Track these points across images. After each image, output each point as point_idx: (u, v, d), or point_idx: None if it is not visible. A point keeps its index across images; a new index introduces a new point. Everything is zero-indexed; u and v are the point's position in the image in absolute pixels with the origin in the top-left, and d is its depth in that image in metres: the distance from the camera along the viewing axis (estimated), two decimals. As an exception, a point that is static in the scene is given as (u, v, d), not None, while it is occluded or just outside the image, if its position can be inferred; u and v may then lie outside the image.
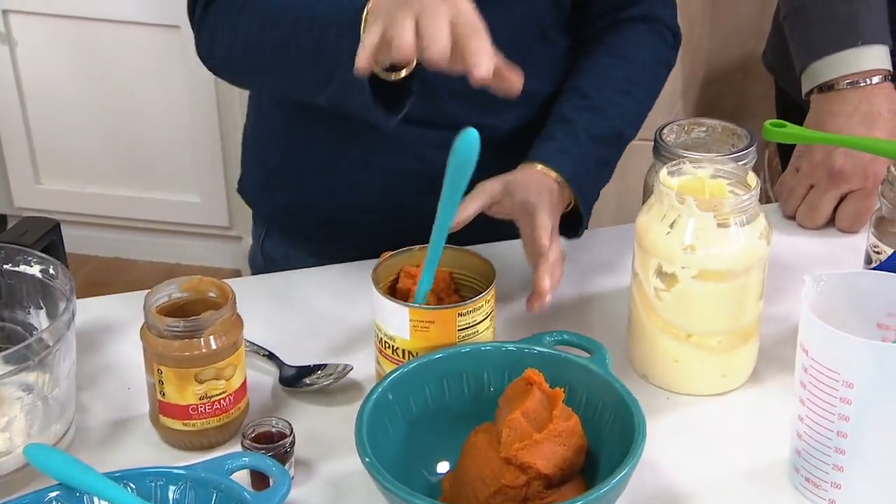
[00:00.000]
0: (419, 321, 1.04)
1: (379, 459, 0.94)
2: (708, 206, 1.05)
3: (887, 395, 0.92)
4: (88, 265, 3.50)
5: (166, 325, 1.03)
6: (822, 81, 1.37)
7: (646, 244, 1.09)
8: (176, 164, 3.27)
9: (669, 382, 1.13)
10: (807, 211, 1.39)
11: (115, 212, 3.40)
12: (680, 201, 1.05)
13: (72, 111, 3.25)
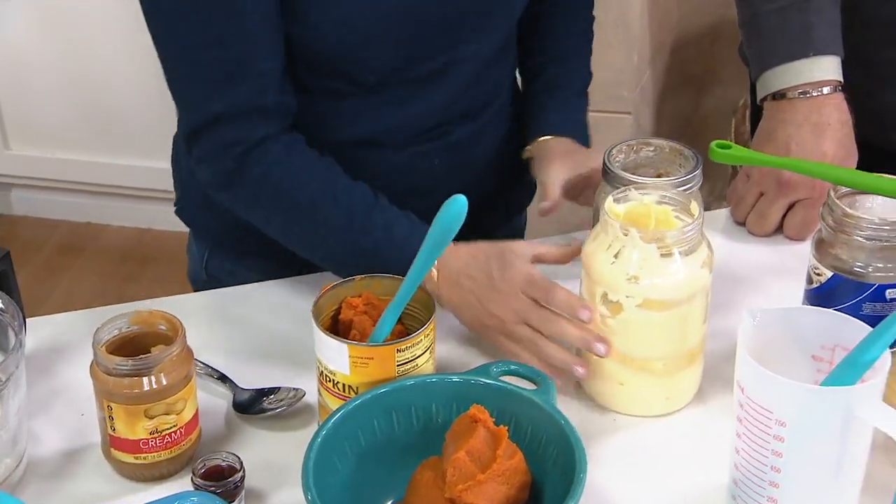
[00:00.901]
0: (358, 357, 1.03)
1: (325, 496, 0.94)
2: (651, 237, 1.05)
3: (817, 434, 0.94)
4: (60, 230, 3.48)
5: (115, 363, 1.02)
6: (775, 90, 1.36)
7: (592, 273, 1.09)
8: (144, 130, 3.25)
9: (615, 404, 1.14)
10: (756, 218, 1.39)
11: (85, 177, 3.38)
12: (624, 233, 1.05)
13: (41, 78, 3.22)
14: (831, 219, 1.14)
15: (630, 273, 1.05)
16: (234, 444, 1.12)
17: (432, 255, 1.03)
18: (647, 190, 1.10)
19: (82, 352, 1.23)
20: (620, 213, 1.09)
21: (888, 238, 1.12)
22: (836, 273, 1.14)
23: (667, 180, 1.14)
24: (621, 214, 1.08)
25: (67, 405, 1.16)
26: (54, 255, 3.38)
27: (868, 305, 1.14)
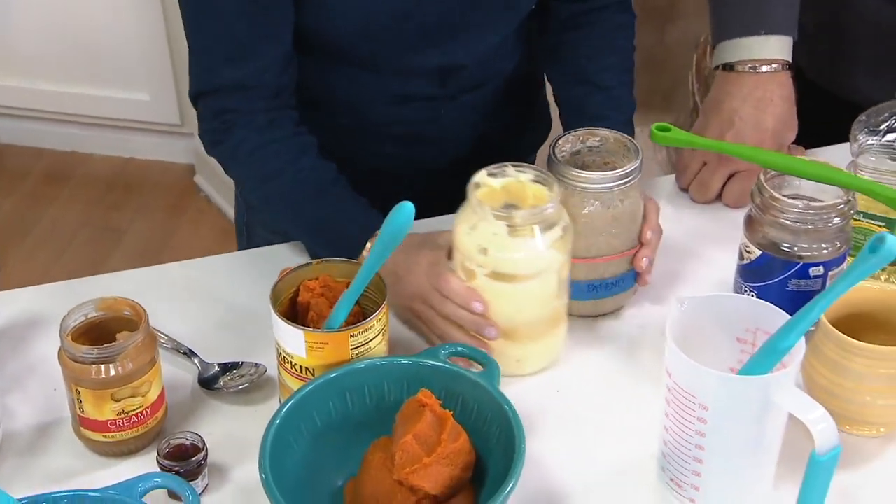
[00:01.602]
0: (314, 342, 1.06)
1: (281, 477, 0.98)
2: (501, 216, 1.09)
3: (736, 417, 0.98)
4: (44, 158, 3.48)
5: (81, 352, 1.05)
6: (726, 62, 1.38)
7: (455, 239, 1.13)
8: (127, 63, 3.24)
9: None
10: (698, 186, 1.41)
11: (69, 108, 3.38)
12: (480, 207, 1.09)
13: (25, 8, 3.19)
14: (760, 200, 1.17)
15: (481, 245, 1.10)
16: (199, 418, 1.15)
17: (382, 256, 1.06)
18: (524, 168, 1.14)
19: (55, 326, 1.25)
20: (497, 186, 1.13)
21: (812, 221, 1.15)
22: (764, 252, 1.17)
23: (607, 174, 1.15)
24: (497, 188, 1.13)
25: (41, 380, 1.19)
26: (40, 184, 3.38)
27: (793, 282, 1.17)
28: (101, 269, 2.98)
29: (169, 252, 3.06)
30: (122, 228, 3.18)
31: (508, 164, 1.14)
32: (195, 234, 3.13)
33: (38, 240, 3.14)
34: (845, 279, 0.94)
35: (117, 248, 3.10)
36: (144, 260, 3.01)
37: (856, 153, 1.25)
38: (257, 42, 1.24)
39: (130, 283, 1.33)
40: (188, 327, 1.26)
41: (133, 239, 3.14)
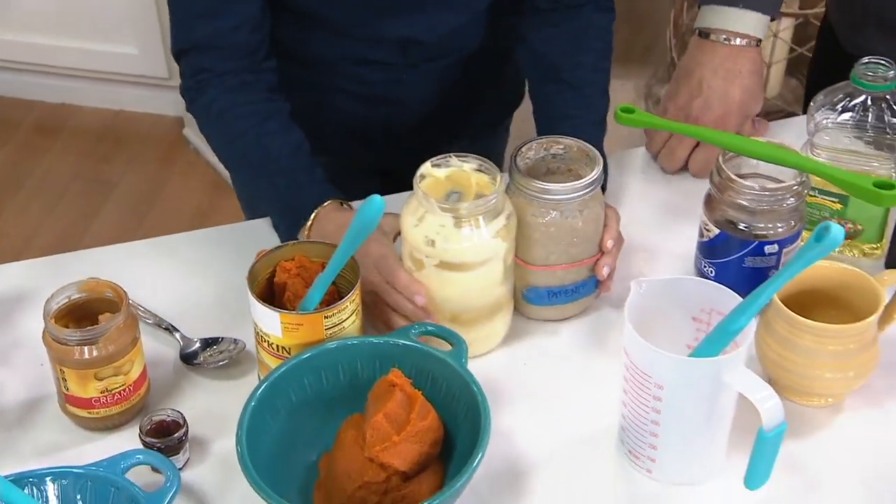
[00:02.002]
0: (290, 323, 1.09)
1: (258, 452, 1.01)
2: (446, 208, 1.11)
3: (689, 395, 1.01)
4: (35, 110, 3.48)
5: (64, 334, 1.07)
6: (702, 27, 1.40)
7: (403, 231, 1.15)
8: (112, 16, 3.22)
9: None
10: (666, 154, 1.43)
11: (59, 61, 3.37)
12: (426, 199, 1.11)
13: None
14: (718, 180, 1.19)
15: (428, 237, 1.12)
16: (180, 393, 1.18)
17: (352, 246, 1.08)
18: (467, 157, 1.15)
19: (41, 301, 1.27)
20: (441, 176, 1.15)
21: (767, 202, 1.17)
22: (722, 230, 1.20)
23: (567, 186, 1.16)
24: (442, 178, 1.15)
25: (28, 355, 1.21)
26: (31, 135, 3.38)
27: (749, 259, 1.20)
28: (93, 222, 3.00)
29: (160, 205, 3.08)
30: (113, 181, 3.19)
31: (451, 154, 1.16)
32: (185, 187, 3.14)
33: (30, 192, 3.15)
34: (793, 265, 0.97)
35: (108, 200, 3.11)
36: (136, 213, 3.04)
37: (812, 132, 1.27)
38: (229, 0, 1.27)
39: (114, 257, 1.35)
40: (170, 302, 1.28)
41: (124, 191, 3.15)
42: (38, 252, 2.89)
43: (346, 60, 1.40)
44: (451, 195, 1.16)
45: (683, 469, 1.07)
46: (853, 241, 1.30)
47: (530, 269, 1.19)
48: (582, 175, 1.18)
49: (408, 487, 1.02)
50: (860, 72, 1.23)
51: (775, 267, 1.20)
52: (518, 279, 1.21)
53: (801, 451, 1.11)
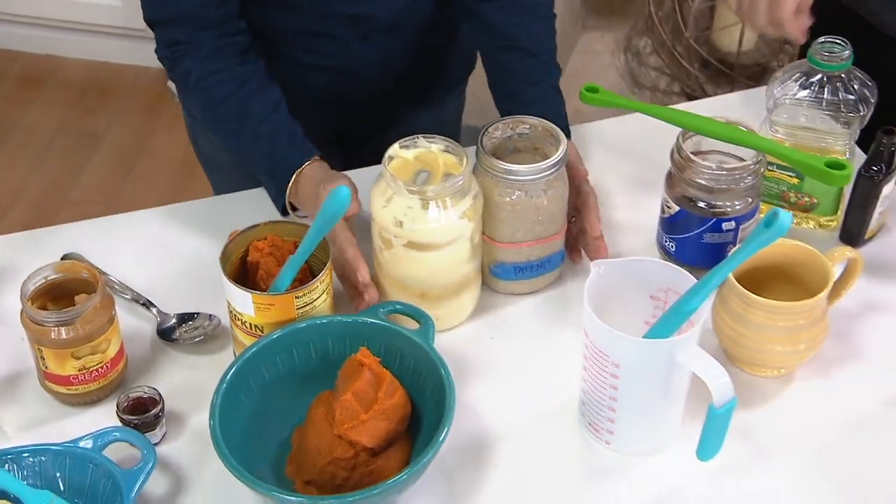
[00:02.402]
0: (262, 303, 1.10)
1: (231, 429, 1.03)
2: (413, 190, 1.12)
3: (645, 373, 1.04)
4: (20, 61, 3.46)
5: (41, 316, 1.09)
6: None
7: (372, 212, 1.16)
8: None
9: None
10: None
11: (43, 12, 3.35)
12: (393, 181, 1.12)
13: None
14: (678, 159, 1.21)
15: (396, 218, 1.13)
16: (158, 367, 1.20)
17: (319, 234, 1.09)
18: (434, 139, 1.17)
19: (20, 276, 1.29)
20: (409, 157, 1.16)
21: (724, 181, 1.19)
22: (682, 207, 1.22)
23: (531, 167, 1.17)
24: (410, 159, 1.16)
25: (8, 331, 1.21)
26: (16, 87, 3.37)
27: (708, 235, 1.22)
28: (80, 175, 3.00)
29: (146, 157, 3.08)
30: (99, 133, 3.18)
31: (419, 136, 1.17)
32: (170, 140, 3.14)
33: (16, 145, 3.14)
34: (743, 250, 0.99)
35: (95, 153, 3.11)
36: (122, 164, 3.04)
37: (770, 109, 1.28)
38: None
39: (90, 232, 1.36)
40: (147, 277, 1.29)
41: (110, 144, 3.15)
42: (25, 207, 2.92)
43: (299, 33, 1.40)
44: (420, 174, 1.17)
45: (640, 440, 1.10)
46: (809, 213, 1.32)
47: (497, 245, 1.21)
48: (548, 154, 1.20)
49: (375, 463, 1.04)
50: (816, 51, 1.24)
51: (733, 242, 1.22)
52: (485, 255, 1.22)
53: (753, 420, 1.14)
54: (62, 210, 2.93)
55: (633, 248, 1.32)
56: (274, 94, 1.32)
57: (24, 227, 2.77)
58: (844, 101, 1.25)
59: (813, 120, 1.26)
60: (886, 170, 1.25)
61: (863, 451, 1.11)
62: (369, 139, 1.49)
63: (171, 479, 1.09)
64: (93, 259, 1.31)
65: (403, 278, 1.17)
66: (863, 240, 1.31)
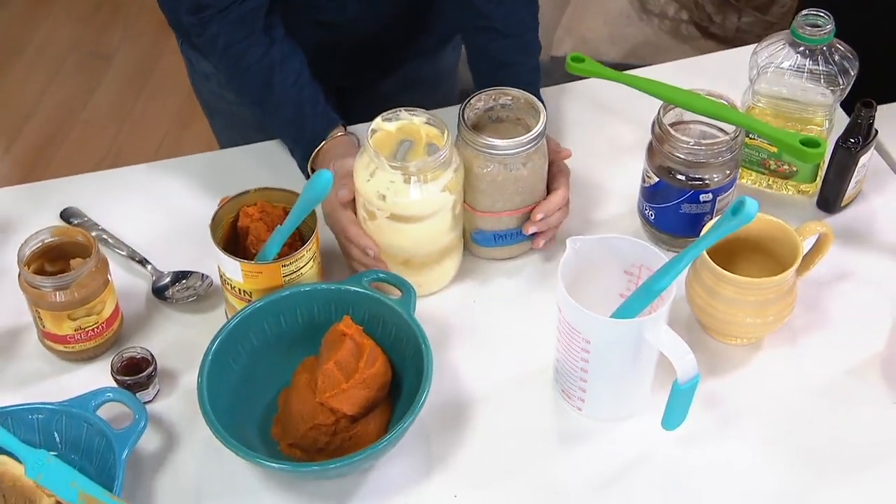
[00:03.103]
0: (250, 271, 1.12)
1: (219, 392, 1.06)
2: (396, 166, 1.13)
3: (614, 348, 1.06)
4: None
5: (38, 281, 1.12)
6: None
7: (356, 184, 1.17)
8: None
9: None
10: None
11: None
12: (376, 156, 1.13)
13: None
14: (658, 131, 1.22)
15: (379, 192, 1.14)
16: (152, 325, 1.22)
17: (302, 214, 1.11)
18: (416, 111, 1.17)
19: (21, 229, 1.32)
20: (392, 129, 1.17)
21: (703, 156, 1.19)
22: (661, 178, 1.23)
23: (510, 142, 1.17)
24: (392, 131, 1.17)
25: (9, 286, 1.21)
26: (29, 3, 3.35)
27: (685, 206, 1.23)
28: (93, 95, 3.00)
29: (156, 78, 3.07)
30: (111, 53, 3.18)
31: (401, 108, 1.17)
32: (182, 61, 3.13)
33: (28, 62, 3.14)
34: (710, 235, 1.00)
35: (107, 72, 3.11)
36: (133, 86, 3.04)
37: (753, 79, 1.28)
38: None
39: (91, 185, 1.38)
40: (143, 233, 1.31)
41: (122, 63, 3.14)
42: (39, 125, 2.93)
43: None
44: (403, 143, 1.18)
45: (610, 407, 1.13)
46: (788, 180, 1.33)
47: (477, 214, 1.22)
48: (529, 125, 1.20)
49: (355, 428, 1.08)
50: (799, 24, 1.23)
51: (710, 213, 1.23)
52: (467, 222, 1.24)
53: (720, 388, 1.16)
54: (74, 129, 2.94)
55: (616, 213, 1.33)
56: (298, 62, 1.31)
57: (37, 146, 2.82)
58: (825, 73, 1.24)
59: (794, 90, 1.26)
60: (863, 142, 1.26)
61: (827, 419, 1.14)
62: (362, 91, 1.50)
63: (164, 435, 1.13)
64: (91, 214, 1.33)
65: (387, 247, 1.19)
66: (839, 207, 1.32)
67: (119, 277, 1.25)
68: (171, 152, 2.89)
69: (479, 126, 1.23)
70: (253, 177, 1.31)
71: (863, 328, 1.21)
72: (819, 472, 1.09)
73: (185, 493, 1.08)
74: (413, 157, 1.17)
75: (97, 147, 2.89)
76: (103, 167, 2.84)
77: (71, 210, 1.33)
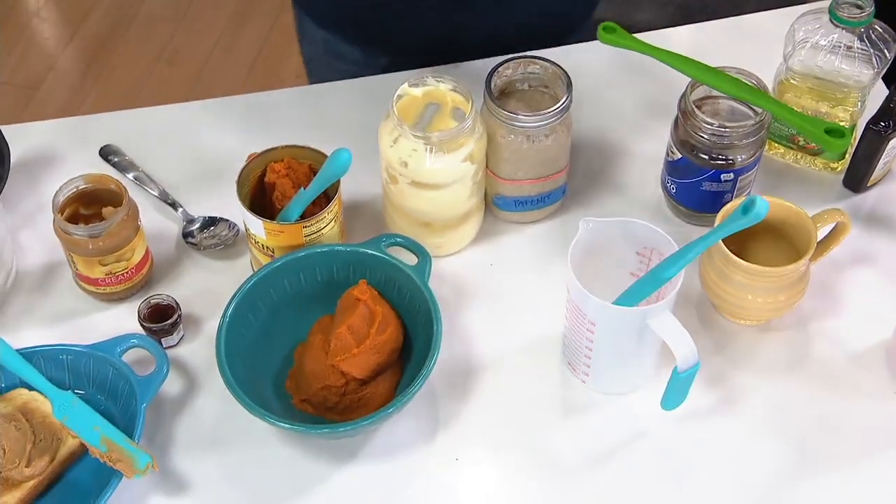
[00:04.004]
0: (272, 230, 1.15)
1: (236, 349, 1.11)
2: (418, 136, 1.14)
3: (615, 331, 1.08)
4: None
5: (71, 229, 1.15)
6: None
7: (380, 148, 1.18)
8: None
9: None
10: None
11: None
12: (399, 124, 1.14)
13: None
14: (685, 107, 1.21)
15: (401, 159, 1.15)
16: (180, 269, 1.25)
17: (321, 188, 1.15)
18: (443, 78, 1.17)
19: (62, 163, 1.35)
20: (418, 94, 1.17)
21: (726, 137, 1.19)
22: (684, 155, 1.23)
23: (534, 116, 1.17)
24: (419, 96, 1.17)
25: (49, 221, 1.24)
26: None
27: (707, 184, 1.23)
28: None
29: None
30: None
31: (428, 75, 1.18)
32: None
33: None
34: (720, 230, 1.02)
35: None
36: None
37: (788, 55, 1.26)
38: None
39: (131, 122, 1.41)
40: (179, 173, 1.33)
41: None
42: (99, 18, 2.94)
43: None
44: (430, 107, 1.19)
45: (614, 382, 1.15)
46: (817, 156, 1.32)
47: (499, 181, 1.23)
48: (557, 95, 1.21)
49: (364, 390, 1.11)
50: (838, 6, 1.21)
51: (731, 192, 1.23)
52: (489, 186, 1.25)
53: (725, 367, 1.18)
54: (133, 24, 2.96)
55: (640, 179, 1.33)
56: None
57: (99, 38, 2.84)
58: (861, 53, 1.22)
59: (829, 69, 1.24)
60: (894, 126, 1.24)
61: (826, 406, 1.15)
62: None
63: (185, 380, 1.18)
64: (129, 151, 1.36)
65: (409, 210, 1.21)
66: (865, 186, 1.31)
67: (152, 219, 1.28)
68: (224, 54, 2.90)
69: (508, 92, 1.23)
70: (290, 124, 1.33)
71: (873, 314, 1.21)
72: (812, 457, 1.11)
73: (202, 437, 1.13)
74: (439, 121, 1.18)
75: (155, 44, 2.91)
76: (161, 63, 2.87)
77: (110, 147, 1.36)
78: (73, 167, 1.32)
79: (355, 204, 1.28)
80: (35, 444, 1.08)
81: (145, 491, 1.09)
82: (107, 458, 1.05)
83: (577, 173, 1.33)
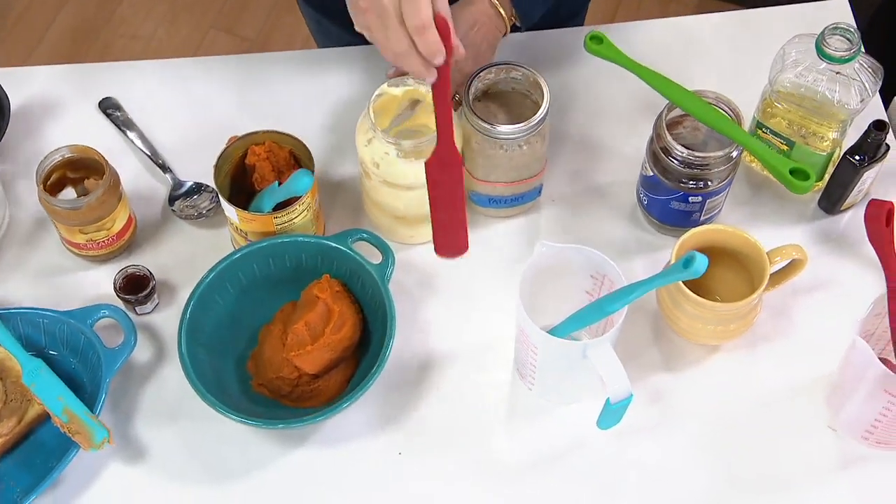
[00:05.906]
0: (245, 217, 1.16)
1: (201, 329, 1.14)
2: (390, 141, 1.13)
3: (554, 358, 1.09)
4: None
5: (52, 201, 1.17)
6: None
7: (357, 144, 1.17)
8: None
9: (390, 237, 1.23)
10: None
11: None
12: (373, 127, 1.13)
13: None
14: (658, 130, 1.18)
15: (374, 160, 1.15)
16: (163, 235, 1.27)
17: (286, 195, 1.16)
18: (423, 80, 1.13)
19: (62, 110, 1.36)
20: (398, 94, 1.16)
21: (694, 163, 1.17)
22: (655, 173, 1.21)
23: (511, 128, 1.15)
24: (398, 95, 1.16)
25: None
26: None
27: (675, 203, 1.21)
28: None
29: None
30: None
31: (408, 76, 1.16)
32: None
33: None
34: (658, 279, 1.02)
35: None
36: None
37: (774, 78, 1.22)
38: None
39: (133, 75, 1.40)
40: (176, 133, 1.33)
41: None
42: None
43: None
44: (412, 102, 1.18)
45: (558, 394, 1.17)
46: (795, 176, 1.29)
47: (474, 180, 1.23)
48: (537, 101, 1.19)
49: (316, 384, 1.14)
50: (825, 41, 1.17)
51: (699, 212, 1.22)
52: (465, 182, 1.24)
53: (670, 384, 1.18)
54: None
55: (619, 179, 1.31)
56: None
57: None
58: (846, 84, 1.18)
59: (814, 95, 1.20)
60: (869, 160, 1.21)
61: (762, 433, 1.15)
62: None
63: (156, 348, 1.21)
64: (128, 106, 1.36)
65: (381, 204, 1.21)
66: (839, 209, 1.29)
67: (143, 181, 1.30)
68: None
69: (490, 93, 1.21)
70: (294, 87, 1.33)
71: (823, 344, 1.19)
72: (741, 485, 1.12)
73: (165, 407, 1.17)
74: (420, 115, 1.17)
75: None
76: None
77: (110, 101, 1.36)
78: (73, 119, 1.34)
79: (341, 183, 1.28)
80: (6, 404, 1.12)
81: (105, 456, 1.14)
82: (67, 428, 1.09)
83: (558, 168, 1.31)
